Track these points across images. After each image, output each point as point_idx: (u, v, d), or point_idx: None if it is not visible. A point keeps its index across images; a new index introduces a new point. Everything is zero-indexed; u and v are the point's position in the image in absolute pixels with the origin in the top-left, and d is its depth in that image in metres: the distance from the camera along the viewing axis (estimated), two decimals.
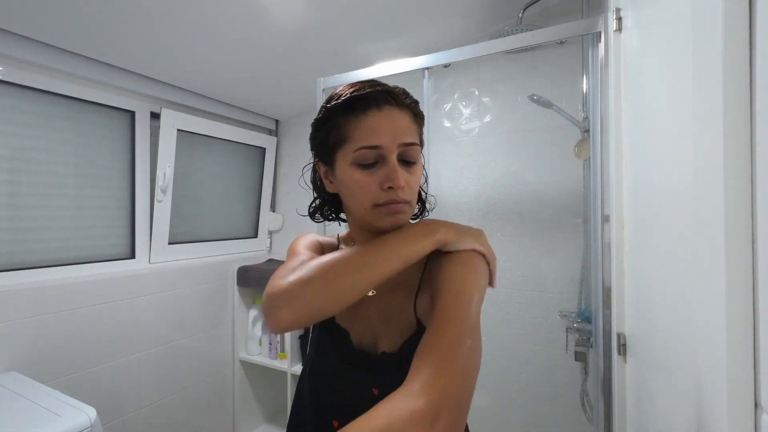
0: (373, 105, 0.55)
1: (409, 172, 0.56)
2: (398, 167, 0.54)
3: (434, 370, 0.44)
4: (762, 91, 0.34)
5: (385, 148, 0.54)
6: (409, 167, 0.56)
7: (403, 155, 0.56)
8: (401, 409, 0.40)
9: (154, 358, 1.65)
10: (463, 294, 0.51)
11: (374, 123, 0.54)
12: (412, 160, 0.57)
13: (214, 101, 1.92)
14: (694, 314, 0.46)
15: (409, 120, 0.56)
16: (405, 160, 0.56)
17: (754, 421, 0.35)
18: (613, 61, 0.95)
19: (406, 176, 0.55)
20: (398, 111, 0.56)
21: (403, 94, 0.57)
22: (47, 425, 0.91)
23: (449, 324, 0.48)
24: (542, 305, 1.61)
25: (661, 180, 0.65)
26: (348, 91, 0.57)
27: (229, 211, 2.12)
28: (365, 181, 0.55)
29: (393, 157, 0.54)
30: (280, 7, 1.29)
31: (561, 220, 1.58)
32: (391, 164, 0.54)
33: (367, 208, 0.56)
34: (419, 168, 0.59)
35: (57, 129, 1.42)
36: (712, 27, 0.38)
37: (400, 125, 0.55)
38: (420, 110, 0.60)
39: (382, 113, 0.54)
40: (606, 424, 0.96)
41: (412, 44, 1.66)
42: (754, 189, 0.35)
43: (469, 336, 0.48)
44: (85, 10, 1.16)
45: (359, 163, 0.55)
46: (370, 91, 0.55)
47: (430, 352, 0.46)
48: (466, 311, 0.50)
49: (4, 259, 1.29)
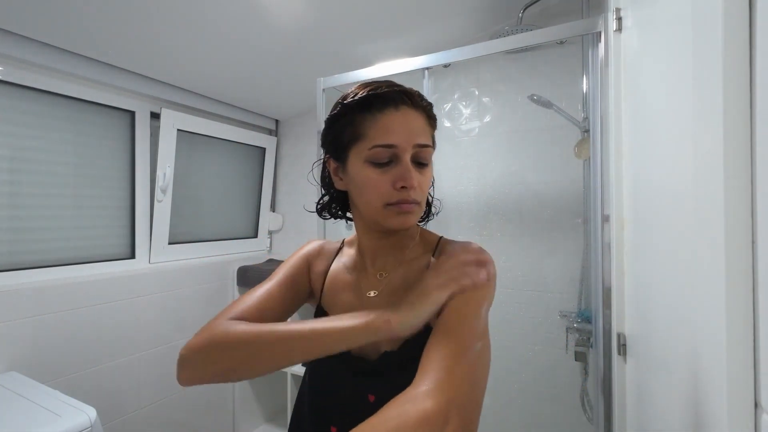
0: (391, 104, 0.55)
1: (421, 173, 0.56)
2: (413, 167, 0.55)
3: (444, 372, 0.44)
4: (762, 91, 0.34)
5: (400, 147, 0.54)
6: (421, 169, 0.57)
7: (416, 156, 0.56)
8: (411, 411, 0.40)
9: (154, 358, 1.65)
10: (472, 298, 0.51)
11: (390, 122, 0.54)
12: (425, 161, 0.57)
13: (214, 101, 1.93)
14: (694, 314, 0.46)
15: (423, 122, 0.57)
16: (418, 161, 0.56)
17: (754, 421, 0.35)
18: (613, 61, 0.95)
19: (419, 177, 0.56)
20: (414, 112, 0.56)
21: (419, 97, 0.58)
22: (47, 425, 0.91)
23: (458, 327, 0.48)
24: (542, 305, 1.61)
25: (661, 180, 0.65)
26: (365, 89, 0.57)
27: (229, 211, 2.12)
28: (378, 180, 0.55)
29: (407, 157, 0.55)
30: (280, 7, 1.29)
31: (561, 220, 1.58)
32: (405, 164, 0.54)
33: (377, 206, 0.56)
34: (430, 170, 0.59)
35: (57, 129, 1.42)
36: (712, 27, 0.38)
37: (416, 126, 0.55)
38: (434, 113, 0.60)
39: (399, 113, 0.55)
40: (606, 424, 0.96)
41: (412, 44, 1.66)
42: (754, 189, 0.35)
43: (478, 338, 0.48)
44: (85, 10, 1.16)
45: (373, 161, 0.55)
46: (387, 91, 0.55)
47: (439, 354, 0.46)
48: (475, 314, 0.50)
49: (4, 259, 1.29)
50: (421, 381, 0.43)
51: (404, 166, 0.54)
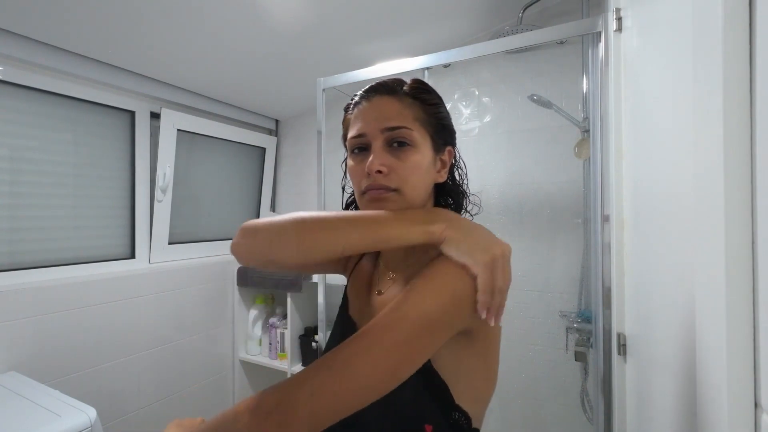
0: (363, 99, 0.57)
1: (398, 157, 0.53)
2: (381, 152, 0.53)
3: (312, 368, 0.42)
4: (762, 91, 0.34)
5: (369, 134, 0.55)
6: (399, 152, 0.54)
7: (391, 139, 0.54)
8: (250, 400, 0.42)
9: (154, 358, 1.65)
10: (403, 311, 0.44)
11: (360, 113, 0.57)
12: (404, 140, 0.53)
13: (214, 101, 1.92)
14: (694, 314, 0.46)
15: (398, 105, 0.55)
16: (395, 142, 0.54)
17: (754, 421, 0.35)
18: (613, 61, 0.95)
19: (392, 161, 0.53)
20: (386, 98, 0.56)
21: (398, 83, 0.57)
22: (47, 425, 0.91)
23: (366, 334, 0.43)
24: (542, 305, 1.61)
25: (661, 180, 0.65)
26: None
27: (229, 211, 2.12)
28: (354, 169, 0.57)
29: (377, 143, 0.54)
30: (280, 7, 1.29)
31: (561, 220, 1.58)
32: (372, 150, 0.54)
33: (358, 195, 0.57)
34: (416, 153, 0.54)
35: (57, 129, 1.42)
36: (712, 27, 0.38)
37: (385, 110, 0.55)
38: (423, 95, 0.57)
39: (370, 104, 0.56)
40: (606, 424, 0.96)
41: (412, 44, 1.66)
42: (754, 189, 0.35)
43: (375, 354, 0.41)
44: (85, 10, 1.16)
45: (351, 153, 0.58)
46: (367, 88, 0.58)
47: (327, 355, 0.43)
48: (394, 328, 0.43)
49: (4, 259, 1.29)
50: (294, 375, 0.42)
51: (371, 152, 0.54)
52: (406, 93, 0.56)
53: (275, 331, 1.95)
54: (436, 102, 0.58)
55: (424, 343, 0.43)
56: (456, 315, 0.46)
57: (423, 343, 0.43)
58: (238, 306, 2.04)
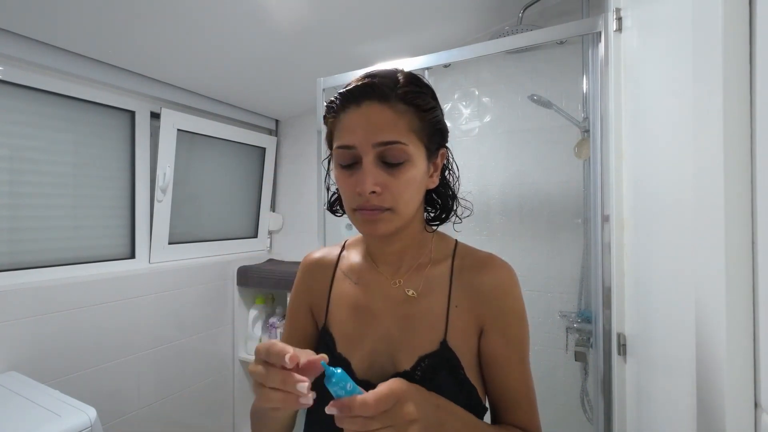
0: (352, 102, 0.51)
1: (392, 174, 0.50)
2: (373, 170, 0.49)
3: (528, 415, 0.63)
4: (762, 91, 0.34)
5: (359, 148, 0.50)
6: (393, 169, 0.50)
7: (383, 156, 0.50)
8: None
9: (154, 358, 1.65)
10: (522, 336, 0.64)
11: (349, 121, 0.51)
12: (395, 160, 0.50)
13: (214, 101, 1.92)
14: (694, 314, 0.46)
15: (391, 114, 0.50)
16: (386, 161, 0.50)
17: (754, 421, 0.35)
18: (613, 61, 0.95)
19: (385, 179, 0.50)
20: (378, 105, 0.50)
21: (391, 86, 0.50)
22: (47, 425, 0.91)
23: (519, 365, 0.64)
24: (542, 305, 1.61)
25: (661, 180, 0.65)
26: (344, 86, 0.54)
27: (229, 211, 2.12)
28: (345, 183, 0.52)
29: (368, 159, 0.49)
30: (280, 7, 1.29)
31: (561, 220, 1.58)
32: (364, 167, 0.50)
33: (348, 211, 0.55)
34: (410, 168, 0.51)
35: (57, 129, 1.41)
36: (712, 27, 0.38)
37: (377, 122, 0.49)
38: (417, 100, 0.51)
39: (360, 110, 0.50)
40: (606, 424, 0.96)
41: (412, 44, 1.66)
42: (754, 189, 0.35)
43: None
44: (85, 10, 1.15)
45: (340, 163, 0.53)
46: (352, 87, 0.51)
47: (516, 400, 0.64)
48: (527, 350, 0.63)
49: (4, 259, 1.29)
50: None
51: (363, 170, 0.50)
52: (399, 98, 0.50)
53: (275, 331, 1.95)
54: (431, 106, 0.54)
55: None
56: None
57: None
58: (238, 306, 2.04)
